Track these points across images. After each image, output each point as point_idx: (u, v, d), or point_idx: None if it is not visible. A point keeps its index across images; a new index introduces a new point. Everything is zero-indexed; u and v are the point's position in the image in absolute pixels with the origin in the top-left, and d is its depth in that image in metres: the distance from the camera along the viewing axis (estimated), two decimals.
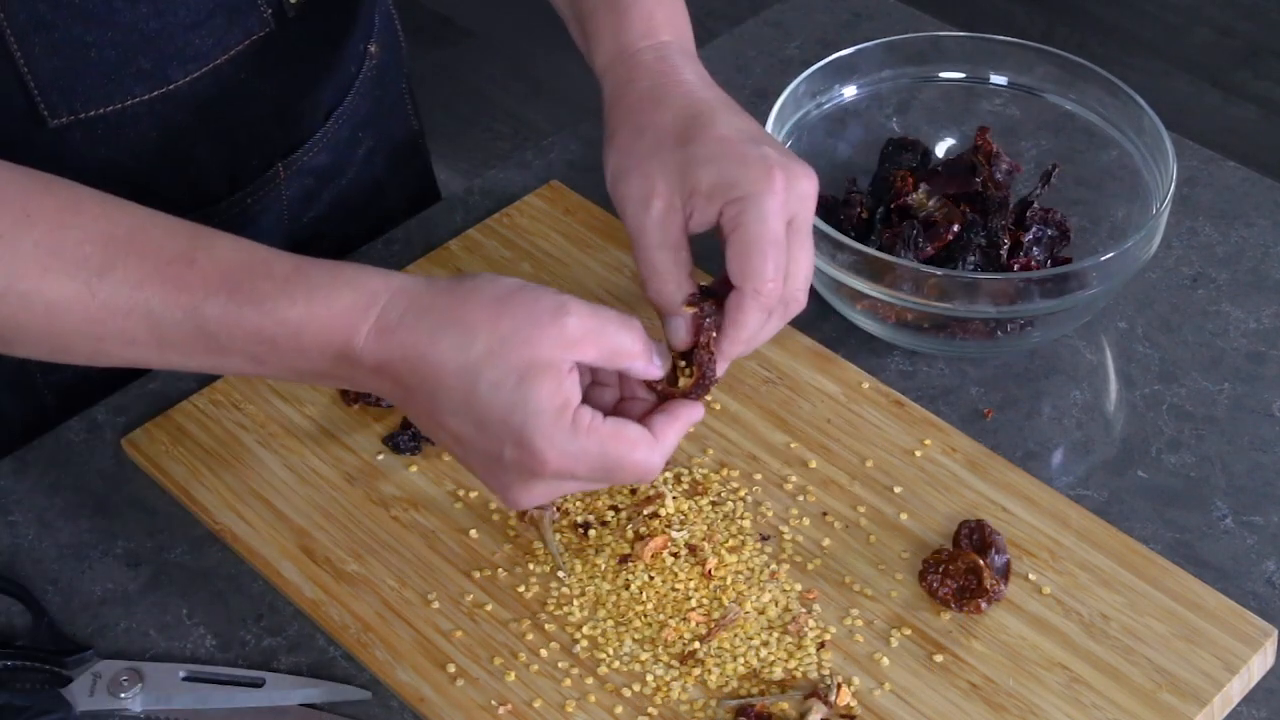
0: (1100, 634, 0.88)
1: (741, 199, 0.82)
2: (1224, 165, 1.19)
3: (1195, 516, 0.96)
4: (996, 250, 1.04)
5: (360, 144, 1.17)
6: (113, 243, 0.79)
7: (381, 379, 0.78)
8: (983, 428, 1.01)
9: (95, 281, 0.77)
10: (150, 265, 0.78)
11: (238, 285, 0.78)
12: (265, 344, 0.78)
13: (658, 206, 0.85)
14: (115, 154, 0.98)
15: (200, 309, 0.77)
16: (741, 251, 0.82)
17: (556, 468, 0.77)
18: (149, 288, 0.78)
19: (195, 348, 0.79)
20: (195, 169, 1.04)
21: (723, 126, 0.86)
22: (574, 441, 0.76)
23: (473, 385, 0.76)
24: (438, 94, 2.85)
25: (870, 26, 1.31)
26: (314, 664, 0.89)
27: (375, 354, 0.77)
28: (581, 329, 0.77)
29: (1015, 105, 1.15)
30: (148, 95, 0.96)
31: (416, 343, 0.77)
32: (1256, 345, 1.06)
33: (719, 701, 0.86)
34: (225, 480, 0.96)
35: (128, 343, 0.79)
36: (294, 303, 0.77)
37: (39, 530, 0.96)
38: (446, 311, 0.77)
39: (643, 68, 0.90)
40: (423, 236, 1.14)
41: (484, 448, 0.78)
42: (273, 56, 1.02)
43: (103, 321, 0.78)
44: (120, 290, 0.78)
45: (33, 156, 0.95)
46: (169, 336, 0.78)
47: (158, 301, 0.78)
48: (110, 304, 0.78)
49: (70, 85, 0.93)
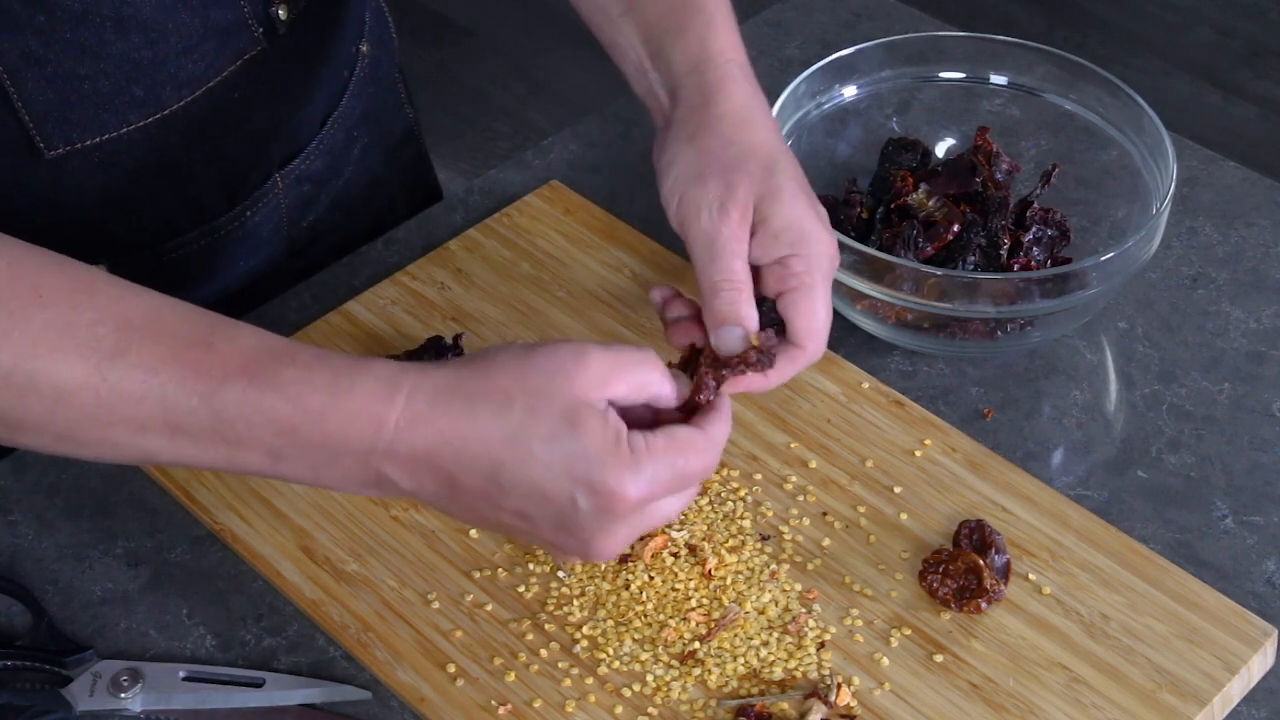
0: (1100, 634, 0.88)
1: (810, 257, 0.86)
2: (1224, 165, 1.19)
3: (1195, 516, 0.96)
4: (996, 250, 1.04)
5: (355, 143, 1.17)
6: (127, 326, 0.75)
7: (419, 475, 0.74)
8: (983, 428, 1.01)
9: (107, 365, 0.74)
10: (166, 349, 0.74)
11: (258, 371, 0.74)
12: (286, 435, 0.74)
13: (734, 216, 0.85)
14: (113, 180, 0.98)
15: (217, 394, 0.73)
16: (808, 310, 0.85)
17: (635, 499, 0.74)
18: (164, 373, 0.74)
19: (211, 438, 0.74)
20: (193, 189, 1.04)
21: (798, 175, 0.89)
22: (641, 467, 0.74)
23: (527, 448, 0.73)
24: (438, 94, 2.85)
25: (870, 26, 1.31)
26: (314, 664, 0.89)
27: (410, 445, 0.73)
28: (606, 366, 0.75)
29: (1015, 105, 1.15)
30: (143, 121, 0.96)
31: (455, 424, 0.73)
32: (1256, 345, 1.06)
33: (719, 701, 0.86)
34: (225, 480, 0.96)
35: (138, 430, 0.74)
36: (316, 390, 0.74)
37: (39, 530, 0.96)
38: (474, 387, 0.74)
39: (732, 81, 0.90)
40: (423, 236, 1.14)
41: (554, 510, 0.74)
42: (266, 74, 1.02)
43: (113, 407, 0.74)
44: (133, 374, 0.74)
45: (32, 187, 0.95)
46: (183, 425, 0.74)
47: (173, 387, 0.74)
48: (121, 389, 0.74)
49: (65, 116, 0.93)
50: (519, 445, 0.73)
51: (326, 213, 1.16)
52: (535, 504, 0.74)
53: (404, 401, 0.74)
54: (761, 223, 0.86)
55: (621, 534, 0.75)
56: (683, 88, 0.91)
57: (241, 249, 1.09)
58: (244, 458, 0.75)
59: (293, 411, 0.73)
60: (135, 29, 0.92)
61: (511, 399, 0.73)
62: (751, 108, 0.90)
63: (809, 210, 0.87)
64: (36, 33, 0.89)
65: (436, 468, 0.74)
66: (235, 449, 0.75)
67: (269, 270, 1.12)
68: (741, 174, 0.86)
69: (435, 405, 0.73)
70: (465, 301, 1.07)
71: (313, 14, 1.04)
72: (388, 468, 0.74)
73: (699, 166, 0.87)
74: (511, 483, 0.74)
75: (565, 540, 0.76)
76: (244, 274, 1.11)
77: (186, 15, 0.94)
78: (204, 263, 1.07)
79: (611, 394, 0.75)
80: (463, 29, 3.05)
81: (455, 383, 0.74)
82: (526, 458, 0.73)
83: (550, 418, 0.73)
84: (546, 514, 0.75)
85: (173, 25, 0.93)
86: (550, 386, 0.74)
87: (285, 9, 1.00)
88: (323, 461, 0.75)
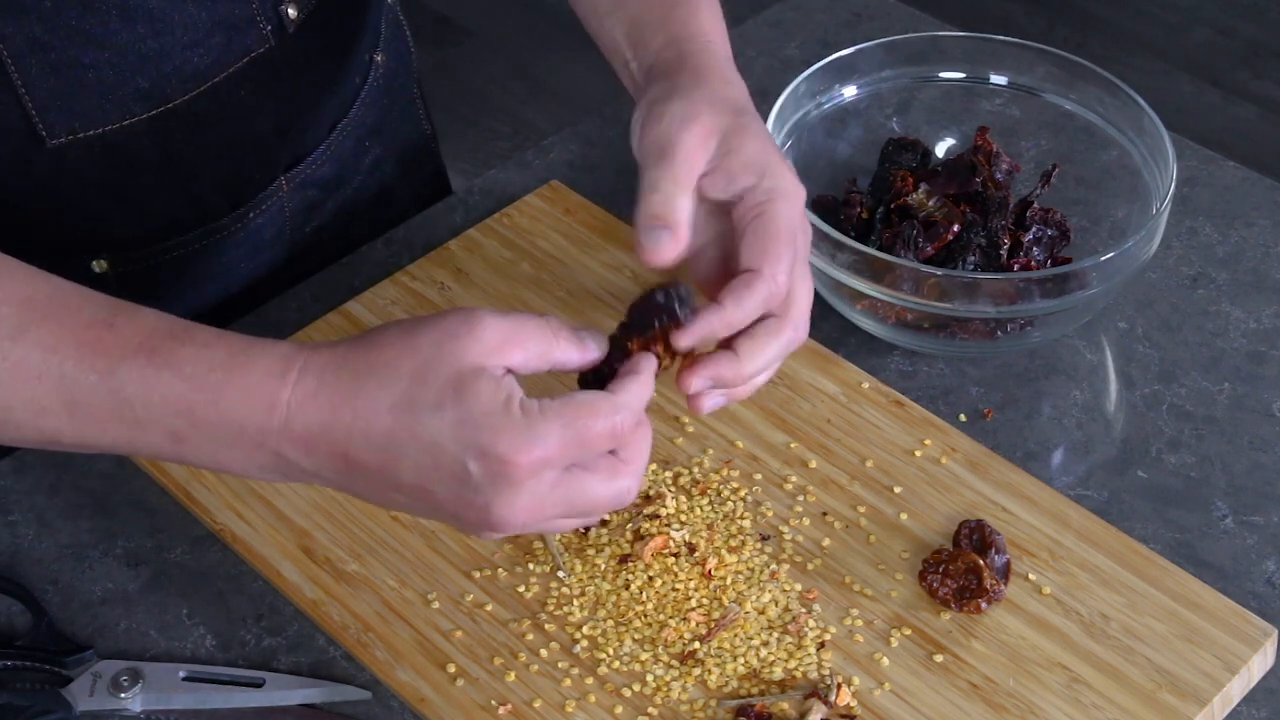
0: (1100, 634, 0.88)
1: (774, 189, 0.83)
2: (1224, 165, 1.19)
3: (1195, 516, 0.96)
4: (996, 250, 1.04)
5: (367, 153, 1.16)
6: (29, 305, 0.75)
7: (316, 454, 0.73)
8: (983, 428, 1.01)
9: (7, 344, 0.73)
10: (66, 328, 0.74)
11: (156, 349, 0.74)
12: (183, 415, 0.73)
13: (696, 130, 0.83)
14: (115, 173, 0.98)
15: (115, 372, 0.73)
16: (765, 237, 0.81)
17: (527, 464, 0.71)
18: (63, 351, 0.73)
19: (110, 418, 0.74)
20: (196, 186, 1.04)
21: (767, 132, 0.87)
22: (533, 429, 0.71)
23: (415, 417, 0.72)
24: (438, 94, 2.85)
25: (870, 26, 1.31)
26: (314, 664, 0.89)
27: (305, 424, 0.73)
28: (499, 333, 0.73)
29: (1015, 105, 1.15)
30: (146, 114, 0.96)
31: (344, 399, 0.72)
32: (1256, 345, 1.06)
33: (719, 701, 0.86)
34: (225, 480, 0.96)
35: (38, 411, 0.74)
36: (212, 368, 0.73)
37: (39, 530, 0.96)
38: (362, 360, 0.73)
39: (709, 54, 0.90)
40: (423, 236, 1.14)
41: (448, 478, 0.72)
42: (273, 73, 1.01)
43: (12, 386, 0.73)
44: (32, 353, 0.73)
45: (33, 176, 0.95)
46: (82, 404, 0.73)
47: (71, 365, 0.73)
48: (21, 367, 0.73)
49: (68, 105, 0.93)
50: (407, 414, 0.72)
51: (331, 219, 1.16)
52: (429, 475, 0.72)
53: (295, 378, 0.73)
54: (728, 153, 0.83)
55: (522, 502, 0.72)
56: (659, 62, 0.90)
57: (243, 250, 1.09)
58: (145, 439, 0.74)
59: (189, 390, 0.73)
60: (141, 19, 0.92)
61: (399, 370, 0.72)
62: (728, 74, 0.89)
63: (777, 154, 0.85)
64: (41, 18, 0.89)
65: (331, 444, 0.73)
66: (135, 430, 0.74)
67: (269, 273, 1.12)
68: (709, 106, 0.84)
69: (324, 381, 0.73)
70: (465, 301, 1.07)
71: (323, 16, 1.04)
72: (285, 448, 0.73)
73: (667, 92, 0.86)
74: (403, 453, 0.72)
75: (465, 511, 0.73)
76: (244, 276, 1.11)
77: (194, 8, 0.94)
78: (204, 263, 1.07)
79: (507, 361, 0.73)
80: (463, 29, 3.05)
81: (344, 358, 0.74)
82: (414, 426, 0.72)
83: (437, 384, 0.72)
84: (442, 484, 0.73)
85: (180, 17, 0.93)
86: (438, 355, 0.73)
87: (294, 7, 1.00)
88: (221, 444, 0.74)
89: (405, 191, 1.23)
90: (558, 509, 0.74)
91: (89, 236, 1.01)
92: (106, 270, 1.02)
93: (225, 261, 1.08)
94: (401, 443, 0.72)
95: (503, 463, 0.71)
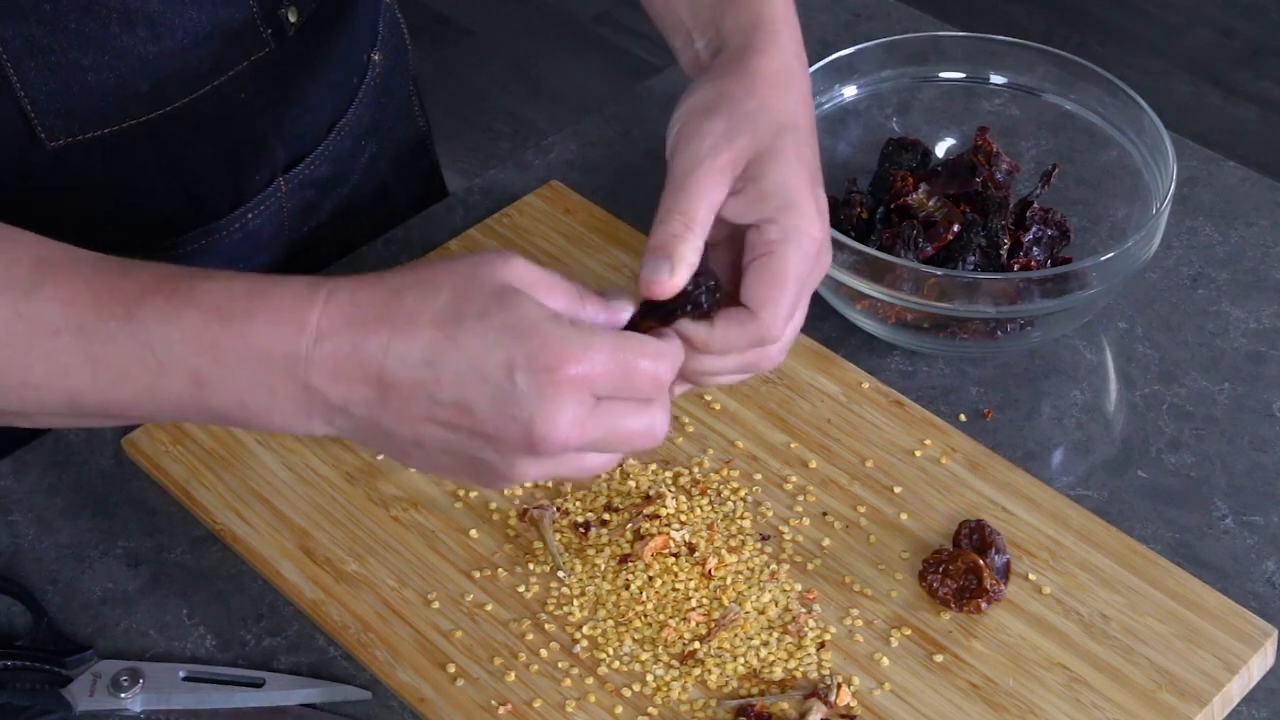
0: (1100, 634, 0.88)
1: (790, 227, 0.80)
2: (1224, 165, 1.19)
3: (1195, 516, 0.96)
4: (996, 250, 1.04)
5: (363, 152, 1.16)
6: (44, 263, 0.74)
7: (347, 379, 0.70)
8: (983, 428, 1.01)
9: (23, 302, 0.72)
10: (82, 281, 0.73)
11: (175, 287, 0.72)
12: (207, 351, 0.71)
13: (723, 158, 0.80)
14: (115, 175, 0.98)
15: (135, 315, 0.71)
16: (769, 279, 0.79)
17: (575, 374, 0.68)
18: (80, 302, 0.72)
19: (131, 365, 0.71)
20: (196, 188, 1.04)
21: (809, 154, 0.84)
22: (583, 339, 0.69)
23: (457, 324, 0.69)
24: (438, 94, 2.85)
25: (870, 26, 1.31)
26: (314, 664, 0.89)
27: (335, 345, 0.70)
28: (533, 272, 0.72)
29: (1015, 105, 1.15)
30: (146, 116, 0.96)
31: (380, 312, 0.69)
32: (1256, 345, 1.06)
33: (719, 701, 0.86)
34: (225, 480, 0.96)
35: (59, 370, 0.72)
36: (235, 298, 0.71)
37: (39, 530, 0.96)
38: (397, 279, 0.71)
39: (777, 46, 0.86)
40: (423, 236, 1.14)
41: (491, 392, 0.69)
42: (272, 76, 1.01)
43: (30, 343, 0.72)
44: (50, 306, 0.72)
45: (33, 178, 0.95)
46: (102, 356, 0.71)
47: (91, 315, 0.71)
48: (39, 323, 0.72)
49: (68, 108, 0.93)
50: (450, 322, 0.69)
51: (329, 219, 1.16)
52: (470, 388, 0.69)
53: (325, 297, 0.71)
54: (751, 180, 0.81)
55: (565, 417, 0.69)
56: (727, 46, 0.87)
57: (241, 251, 1.09)
58: (166, 387, 0.72)
59: (212, 320, 0.70)
60: (141, 22, 0.92)
61: (438, 284, 0.70)
62: (790, 73, 0.86)
63: (804, 184, 0.82)
64: (41, 21, 0.89)
65: (363, 365, 0.70)
66: (157, 377, 0.71)
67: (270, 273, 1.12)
68: (749, 125, 0.81)
69: (357, 298, 0.70)
70: None
71: (322, 18, 1.04)
72: (314, 376, 0.70)
73: (713, 102, 0.82)
74: (443, 366, 0.69)
75: (505, 429, 0.69)
76: None
77: (195, 11, 0.94)
78: (203, 263, 1.07)
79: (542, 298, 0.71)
80: (463, 29, 3.05)
81: (378, 278, 0.72)
82: (458, 333, 0.69)
83: (481, 295, 0.70)
84: (483, 399, 0.69)
85: (180, 21, 0.93)
86: (478, 273, 0.70)
87: (294, 11, 1.00)
88: (246, 381, 0.71)
89: (401, 190, 1.23)
90: (594, 433, 0.71)
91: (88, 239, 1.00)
92: None
93: (224, 262, 1.08)
94: (443, 353, 0.69)
95: (549, 370, 0.68)
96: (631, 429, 0.72)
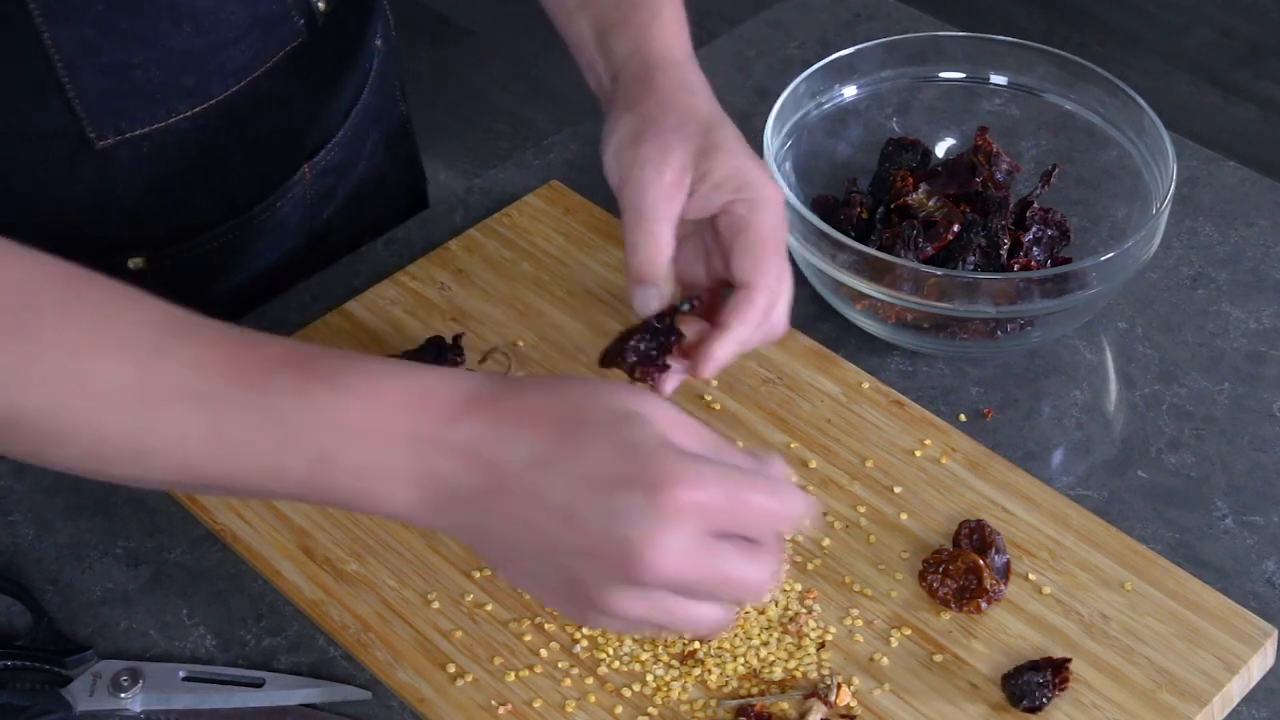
0: (1100, 634, 0.88)
1: (752, 200, 0.86)
2: (1224, 165, 1.19)
3: (1195, 516, 0.96)
4: (996, 250, 1.04)
5: (368, 138, 1.18)
6: (171, 327, 0.71)
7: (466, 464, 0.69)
8: (983, 428, 1.01)
9: (149, 362, 0.69)
10: (209, 347, 0.70)
11: (306, 363, 0.71)
12: (334, 428, 0.69)
13: (668, 176, 0.85)
14: (158, 171, 0.99)
15: (268, 384, 0.69)
16: (753, 248, 0.85)
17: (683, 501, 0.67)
18: (209, 369, 0.69)
19: (255, 438, 0.69)
20: (232, 180, 1.05)
21: (739, 136, 0.89)
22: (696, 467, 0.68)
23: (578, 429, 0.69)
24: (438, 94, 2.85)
25: (870, 26, 1.31)
26: (314, 664, 0.89)
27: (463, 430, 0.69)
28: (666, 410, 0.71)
29: (1015, 105, 1.15)
30: (190, 111, 0.97)
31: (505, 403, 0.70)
32: (1256, 345, 1.06)
33: (719, 701, 0.86)
34: None
35: (180, 437, 0.69)
36: (365, 378, 0.70)
37: (39, 530, 0.96)
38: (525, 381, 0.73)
39: (672, 62, 0.91)
40: (423, 236, 1.14)
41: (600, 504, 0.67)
42: (304, 65, 1.03)
43: (155, 406, 0.69)
44: (178, 370, 0.69)
45: (80, 178, 0.96)
46: (225, 424, 0.69)
47: (220, 381, 0.69)
48: (165, 384, 0.69)
49: (116, 106, 0.94)
50: (570, 426, 0.69)
51: (343, 205, 1.17)
52: (580, 497, 0.68)
53: (453, 385, 0.71)
54: (702, 178, 0.86)
55: (671, 545, 0.67)
56: (625, 70, 0.92)
57: (268, 240, 1.10)
58: (290, 463, 0.70)
59: (342, 397, 0.69)
60: (187, 18, 0.93)
61: (568, 392, 0.71)
62: (690, 80, 0.91)
63: (749, 160, 0.87)
64: (93, 22, 0.89)
65: (482, 453, 0.69)
66: (282, 451, 0.70)
67: (290, 261, 1.13)
68: (679, 136, 0.86)
69: (486, 387, 0.71)
70: (465, 301, 1.07)
71: (346, 6, 1.06)
72: (438, 459, 0.69)
73: (637, 129, 0.87)
74: (556, 467, 0.68)
75: (607, 545, 0.67)
76: (269, 264, 1.12)
77: (236, 5, 0.96)
78: (233, 253, 1.09)
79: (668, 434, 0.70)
80: (463, 29, 3.05)
81: (505, 379, 0.73)
82: (576, 437, 0.68)
83: (606, 411, 0.69)
84: (591, 510, 0.68)
85: (223, 15, 0.95)
86: (611, 392, 0.71)
87: (325, 1, 1.02)
88: (371, 459, 0.69)
89: (392, 175, 1.24)
90: (699, 570, 0.68)
91: (129, 235, 1.02)
92: (143, 267, 1.03)
93: (252, 252, 1.10)
94: (557, 456, 0.68)
95: (659, 492, 0.67)
96: (739, 573, 0.69)
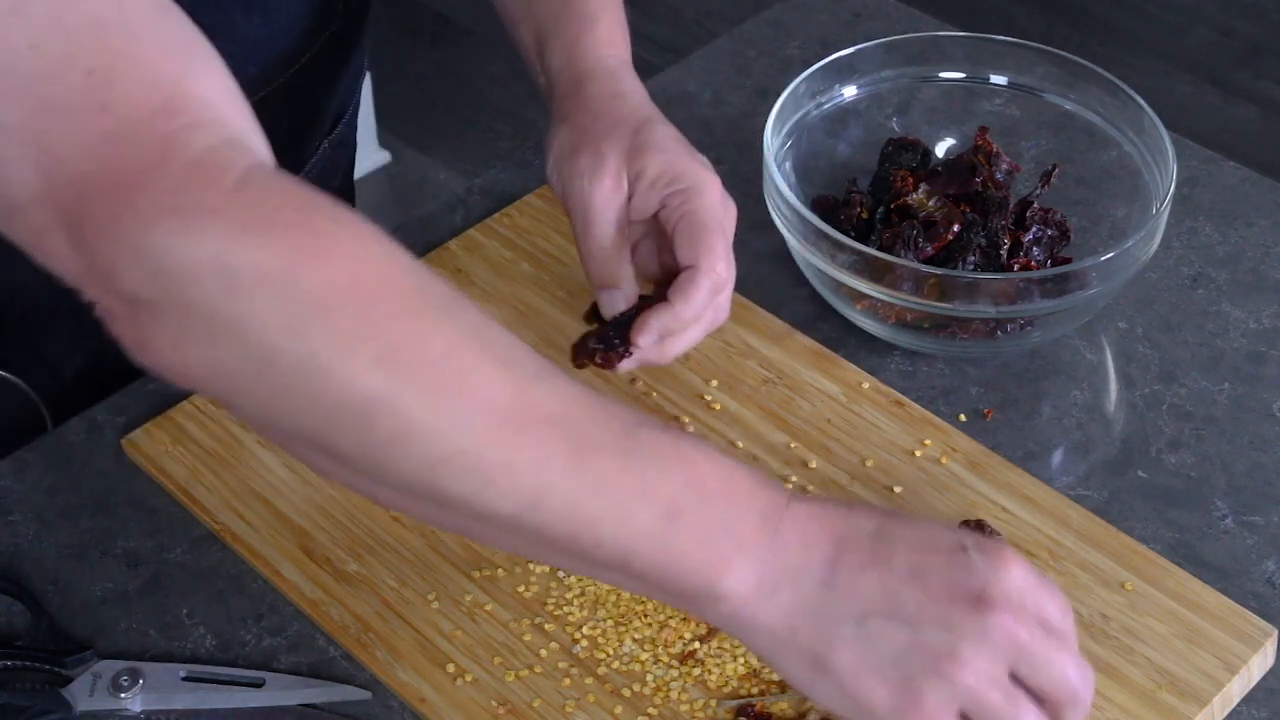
0: (1100, 634, 0.88)
1: (688, 190, 0.90)
2: (1224, 165, 1.19)
3: (1195, 516, 0.96)
4: (996, 250, 1.04)
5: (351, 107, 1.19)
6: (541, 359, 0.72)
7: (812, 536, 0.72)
8: (983, 428, 1.01)
9: (527, 382, 0.69)
10: (578, 388, 0.71)
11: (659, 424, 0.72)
12: (694, 485, 0.71)
13: (607, 183, 0.90)
14: None
15: (631, 432, 0.71)
16: (693, 233, 0.89)
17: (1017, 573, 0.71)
18: (580, 407, 0.70)
19: (615, 475, 0.70)
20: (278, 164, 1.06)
21: (670, 131, 0.93)
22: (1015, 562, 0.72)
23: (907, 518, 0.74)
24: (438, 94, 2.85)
25: (870, 26, 1.31)
26: (314, 664, 0.89)
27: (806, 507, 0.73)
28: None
29: (1015, 105, 1.15)
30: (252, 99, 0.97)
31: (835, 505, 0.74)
32: (1256, 345, 1.06)
33: (719, 701, 0.86)
34: (225, 480, 0.96)
35: (541, 459, 0.69)
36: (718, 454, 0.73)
37: (39, 530, 0.96)
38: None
39: (604, 71, 0.95)
40: (423, 236, 1.14)
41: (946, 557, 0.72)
42: (340, 47, 1.06)
43: (525, 423, 0.69)
44: (552, 399, 0.69)
45: None
46: (589, 457, 0.69)
47: (589, 424, 0.70)
48: (538, 408, 0.69)
49: None
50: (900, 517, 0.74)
51: (343, 178, 1.19)
52: (925, 552, 0.72)
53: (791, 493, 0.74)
54: (637, 177, 0.90)
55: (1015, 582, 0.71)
56: (558, 83, 0.96)
57: None
58: (640, 510, 0.70)
59: (703, 461, 0.71)
60: (257, 8, 0.95)
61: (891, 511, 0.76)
62: (621, 88, 0.94)
63: (682, 152, 0.91)
64: None
65: (829, 524, 0.72)
66: (639, 494, 0.70)
67: None
68: (610, 141, 0.90)
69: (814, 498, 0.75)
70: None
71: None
72: (785, 527, 0.72)
73: (573, 142, 0.92)
74: (897, 536, 0.72)
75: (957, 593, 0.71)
76: None
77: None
78: None
79: None
80: (463, 29, 3.05)
81: None
82: (909, 521, 0.73)
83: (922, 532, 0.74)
84: (938, 562, 0.71)
85: (284, 4, 0.97)
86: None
87: None
88: (720, 520, 0.71)
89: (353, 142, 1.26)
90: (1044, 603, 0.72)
91: None
92: None
93: None
94: (896, 529, 0.73)
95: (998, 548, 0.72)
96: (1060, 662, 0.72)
